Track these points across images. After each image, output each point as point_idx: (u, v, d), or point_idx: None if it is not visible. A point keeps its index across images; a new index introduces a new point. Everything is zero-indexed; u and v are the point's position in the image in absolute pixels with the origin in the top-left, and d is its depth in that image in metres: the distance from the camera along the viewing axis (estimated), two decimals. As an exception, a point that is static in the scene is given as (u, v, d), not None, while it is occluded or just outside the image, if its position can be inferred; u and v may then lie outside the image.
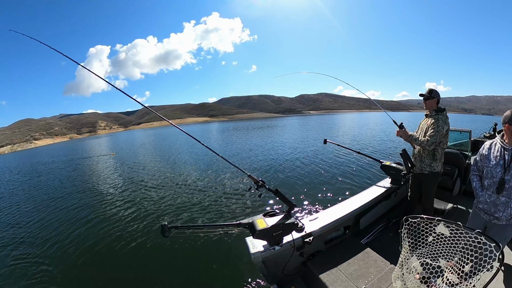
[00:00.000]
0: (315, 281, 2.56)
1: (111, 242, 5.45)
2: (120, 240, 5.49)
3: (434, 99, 3.03)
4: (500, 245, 1.46)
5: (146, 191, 9.25)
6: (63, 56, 2.43)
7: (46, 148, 63.18)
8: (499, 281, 2.42)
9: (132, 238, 5.50)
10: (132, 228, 5.99)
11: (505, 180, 2.04)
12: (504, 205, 2.08)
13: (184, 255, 4.74)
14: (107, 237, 5.70)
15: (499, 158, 2.10)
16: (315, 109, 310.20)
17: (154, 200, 8.09)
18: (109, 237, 5.69)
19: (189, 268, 4.42)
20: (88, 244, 5.47)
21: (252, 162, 13.25)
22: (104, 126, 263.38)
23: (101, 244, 5.41)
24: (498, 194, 2.09)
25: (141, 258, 4.80)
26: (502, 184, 2.06)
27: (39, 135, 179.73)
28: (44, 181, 13.87)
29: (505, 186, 2.04)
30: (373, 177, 8.59)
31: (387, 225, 3.81)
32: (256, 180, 2.26)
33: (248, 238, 2.52)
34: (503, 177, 2.05)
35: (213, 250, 4.72)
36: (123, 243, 5.35)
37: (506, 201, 2.06)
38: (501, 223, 2.12)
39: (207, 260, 4.53)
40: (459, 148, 4.78)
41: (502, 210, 2.09)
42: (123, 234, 5.77)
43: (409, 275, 1.91)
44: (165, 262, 4.56)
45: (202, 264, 4.45)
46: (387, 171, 3.83)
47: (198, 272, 4.29)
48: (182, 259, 4.66)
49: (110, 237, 5.68)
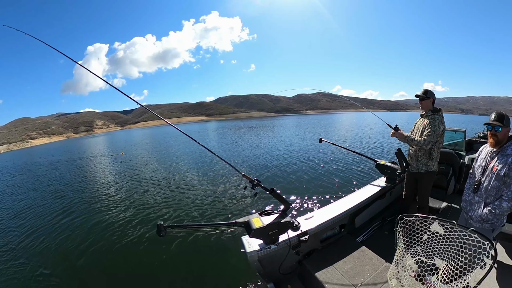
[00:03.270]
0: (311, 280, 2.56)
1: (106, 243, 5.40)
2: (115, 240, 5.47)
3: (430, 99, 3.07)
4: (493, 243, 1.48)
5: (142, 190, 9.21)
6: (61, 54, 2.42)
7: (42, 148, 62.69)
8: (492, 278, 2.45)
9: (128, 238, 5.47)
10: (128, 228, 5.96)
11: (481, 181, 2.17)
12: (477, 204, 2.20)
13: (180, 254, 4.72)
14: (102, 238, 5.67)
15: (483, 160, 2.22)
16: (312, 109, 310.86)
17: (149, 199, 8.06)
18: (104, 238, 5.65)
19: (185, 268, 4.41)
20: (84, 245, 5.43)
21: (248, 161, 13.25)
22: (101, 125, 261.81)
23: (96, 245, 5.38)
24: (474, 193, 2.23)
25: (137, 258, 4.79)
26: (478, 184, 2.20)
27: (35, 134, 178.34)
28: (42, 180, 13.78)
29: (480, 187, 2.17)
30: (368, 176, 8.64)
31: (382, 224, 3.83)
32: (251, 179, 2.26)
33: (244, 237, 2.52)
34: (481, 178, 2.18)
35: (209, 249, 4.70)
36: (118, 243, 5.33)
37: (479, 201, 2.18)
38: (475, 225, 2.21)
39: (203, 259, 4.52)
40: (454, 147, 4.82)
41: (475, 210, 2.21)
42: (118, 234, 5.74)
43: (404, 273, 1.92)
44: (161, 262, 4.55)
45: (198, 264, 4.44)
46: (382, 170, 3.86)
47: (194, 271, 4.29)
48: (178, 258, 4.64)
49: (104, 238, 5.65)
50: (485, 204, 2.14)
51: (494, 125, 2.06)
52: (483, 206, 2.14)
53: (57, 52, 2.43)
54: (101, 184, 11.02)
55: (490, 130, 2.10)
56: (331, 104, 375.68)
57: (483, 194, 2.16)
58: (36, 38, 2.53)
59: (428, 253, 1.87)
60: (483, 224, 2.15)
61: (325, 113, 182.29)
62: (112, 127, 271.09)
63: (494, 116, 2.09)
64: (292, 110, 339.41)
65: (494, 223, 2.12)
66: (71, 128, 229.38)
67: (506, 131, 2.07)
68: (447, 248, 1.78)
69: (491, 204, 2.09)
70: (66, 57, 2.39)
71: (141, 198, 8.22)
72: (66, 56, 2.40)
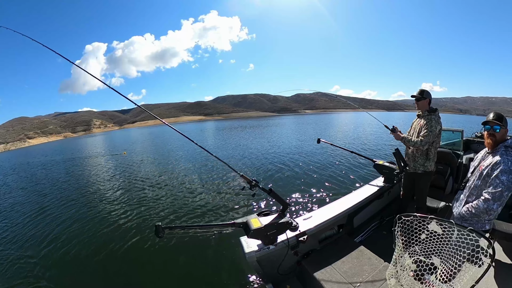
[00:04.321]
0: (310, 280, 2.56)
1: (104, 244, 5.37)
2: (114, 241, 5.43)
3: (426, 100, 3.09)
4: (491, 242, 1.49)
5: (140, 191, 9.17)
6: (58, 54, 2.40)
7: (40, 147, 62.35)
8: (490, 276, 2.46)
9: (126, 239, 5.44)
10: (126, 229, 5.93)
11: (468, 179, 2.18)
12: (459, 202, 2.22)
13: (179, 255, 4.71)
14: (100, 239, 5.64)
15: (477, 160, 2.22)
16: (311, 108, 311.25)
17: (148, 200, 8.03)
18: (102, 239, 5.63)
19: (183, 269, 4.40)
20: (81, 246, 5.41)
21: (246, 161, 13.22)
22: (99, 124, 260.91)
23: (93, 246, 5.35)
24: (461, 192, 2.25)
25: (135, 259, 4.77)
26: (466, 182, 2.21)
27: (33, 133, 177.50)
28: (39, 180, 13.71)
29: (466, 185, 2.19)
30: (366, 176, 8.64)
31: (381, 224, 3.85)
32: (249, 180, 2.26)
33: (243, 237, 2.52)
34: (469, 177, 2.19)
35: (207, 250, 4.69)
36: (117, 244, 5.30)
37: (462, 199, 2.19)
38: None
39: (202, 260, 4.50)
40: (452, 147, 4.84)
41: (457, 207, 2.23)
42: (116, 235, 5.71)
43: (403, 272, 1.93)
44: (159, 263, 4.53)
45: (196, 264, 4.43)
46: (380, 170, 3.86)
47: (193, 272, 4.27)
48: (176, 259, 4.63)
49: (103, 239, 5.62)
50: (465, 203, 2.13)
51: (494, 124, 2.00)
52: (464, 204, 2.13)
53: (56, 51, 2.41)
54: (99, 185, 10.97)
55: (489, 130, 2.04)
56: (329, 104, 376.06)
57: (466, 192, 2.15)
58: (33, 39, 2.51)
59: (427, 252, 1.88)
60: (462, 222, 2.08)
61: (323, 113, 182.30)
62: (110, 127, 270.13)
63: (493, 115, 2.04)
64: (290, 110, 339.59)
65: (473, 224, 2.05)
66: (69, 128, 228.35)
67: (504, 132, 2.02)
68: (445, 247, 1.78)
69: (470, 203, 2.06)
70: (63, 57, 2.37)
71: (139, 199, 8.18)
72: (62, 56, 2.39)
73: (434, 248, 1.85)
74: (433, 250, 1.86)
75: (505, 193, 1.84)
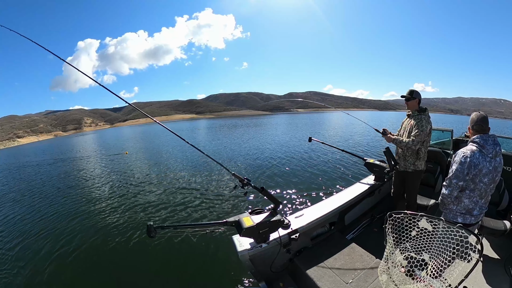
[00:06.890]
0: (302, 277, 2.57)
1: (95, 245, 5.31)
2: (105, 242, 5.36)
3: (416, 100, 3.13)
4: (479, 238, 1.52)
5: (130, 190, 9.06)
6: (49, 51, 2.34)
7: (30, 146, 61.10)
8: (479, 271, 2.52)
9: (117, 240, 5.37)
10: (117, 230, 5.85)
11: None
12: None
13: (171, 255, 4.68)
14: (90, 239, 5.55)
15: None
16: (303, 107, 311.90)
17: (139, 200, 7.93)
18: (92, 239, 5.54)
19: (176, 268, 4.37)
20: (72, 246, 5.33)
21: (238, 160, 13.20)
22: (90, 123, 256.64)
23: (84, 246, 5.27)
24: None
25: (128, 259, 4.73)
26: None
27: (22, 132, 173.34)
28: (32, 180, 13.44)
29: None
30: (357, 174, 8.73)
31: (372, 221, 3.89)
32: (241, 178, 2.25)
33: (235, 236, 2.51)
34: None
35: (200, 250, 4.68)
36: (107, 245, 5.23)
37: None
38: None
39: (194, 259, 4.49)
40: (441, 146, 4.91)
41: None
42: (107, 235, 5.63)
43: (394, 268, 1.95)
44: (151, 263, 4.50)
45: (189, 264, 4.41)
46: (370, 168, 3.90)
47: (186, 272, 4.25)
48: (168, 259, 4.60)
49: (93, 239, 5.54)
50: None
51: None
52: None
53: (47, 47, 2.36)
54: (90, 185, 10.79)
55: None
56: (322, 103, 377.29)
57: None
58: (22, 35, 2.44)
59: (417, 248, 1.91)
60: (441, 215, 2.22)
61: (316, 112, 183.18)
62: (101, 125, 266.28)
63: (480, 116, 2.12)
64: (283, 108, 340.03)
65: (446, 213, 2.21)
66: (60, 126, 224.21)
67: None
68: (435, 244, 1.81)
69: None
70: (54, 55, 2.31)
71: (130, 199, 8.08)
72: (53, 54, 2.32)
73: (424, 245, 1.88)
74: (423, 246, 1.88)
75: (453, 181, 2.04)
